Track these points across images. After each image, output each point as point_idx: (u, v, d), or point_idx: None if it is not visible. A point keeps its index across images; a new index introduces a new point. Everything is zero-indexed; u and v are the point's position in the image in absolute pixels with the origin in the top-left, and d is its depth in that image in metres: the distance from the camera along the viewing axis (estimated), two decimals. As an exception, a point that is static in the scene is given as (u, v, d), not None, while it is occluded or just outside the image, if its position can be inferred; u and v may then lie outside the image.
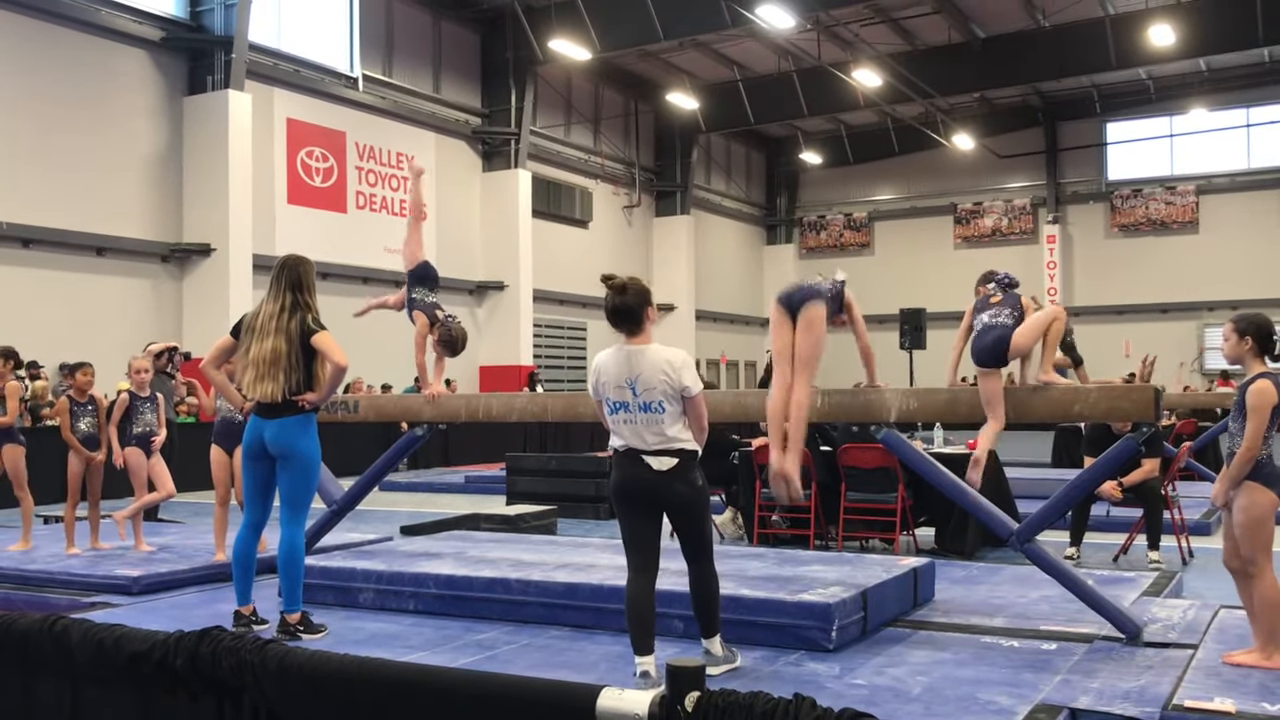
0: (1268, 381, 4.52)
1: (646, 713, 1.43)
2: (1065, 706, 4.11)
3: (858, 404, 5.71)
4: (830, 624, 5.01)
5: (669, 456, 4.39)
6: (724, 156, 32.13)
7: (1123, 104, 29.30)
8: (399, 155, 21.62)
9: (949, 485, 5.56)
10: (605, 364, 4.57)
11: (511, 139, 23.37)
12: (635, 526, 4.53)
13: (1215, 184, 28.82)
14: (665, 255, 29.15)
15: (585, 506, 11.26)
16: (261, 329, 5.30)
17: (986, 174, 30.91)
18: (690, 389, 4.41)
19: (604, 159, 27.21)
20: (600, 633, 5.39)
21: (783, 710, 1.35)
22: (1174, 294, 27.88)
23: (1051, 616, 5.60)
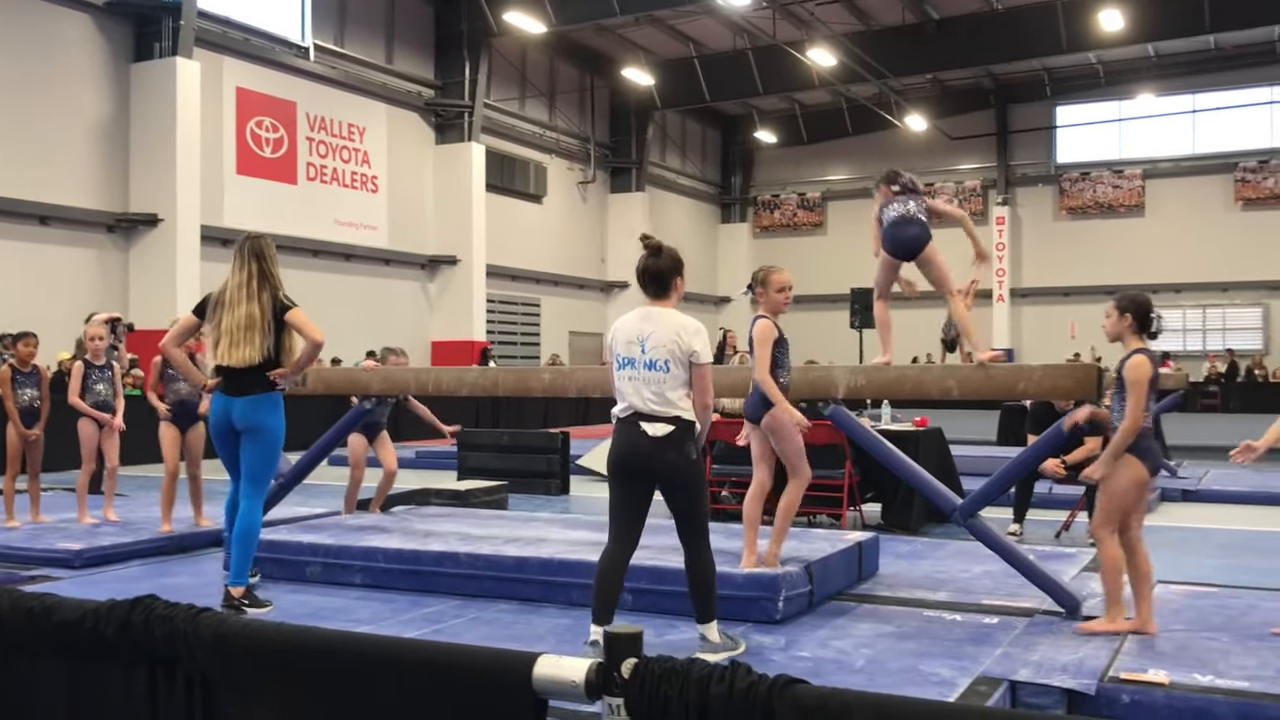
0: (1143, 357, 4.64)
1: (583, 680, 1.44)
2: (1005, 679, 4.18)
3: (806, 381, 5.75)
4: (777, 596, 5.06)
5: (665, 423, 4.32)
6: (679, 134, 32.09)
7: (1072, 88, 29.62)
8: (350, 126, 21.38)
9: (895, 462, 5.63)
10: (621, 323, 4.57)
11: (465, 112, 23.18)
12: (622, 498, 4.49)
13: (1161, 168, 29.25)
14: (620, 232, 29.10)
15: (537, 482, 11.26)
16: (232, 299, 5.34)
17: (938, 155, 31.14)
18: (699, 355, 4.38)
19: (559, 134, 27.09)
20: (549, 606, 5.41)
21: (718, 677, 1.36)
22: (1120, 276, 28.22)
23: (993, 591, 5.69)
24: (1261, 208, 28.14)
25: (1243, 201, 28.35)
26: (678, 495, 4.44)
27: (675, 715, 1.33)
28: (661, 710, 1.35)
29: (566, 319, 27.42)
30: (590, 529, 6.68)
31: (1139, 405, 4.59)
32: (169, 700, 1.61)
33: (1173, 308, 29.10)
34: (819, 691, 1.32)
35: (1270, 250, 27.42)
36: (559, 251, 27.03)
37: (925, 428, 9.57)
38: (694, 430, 4.41)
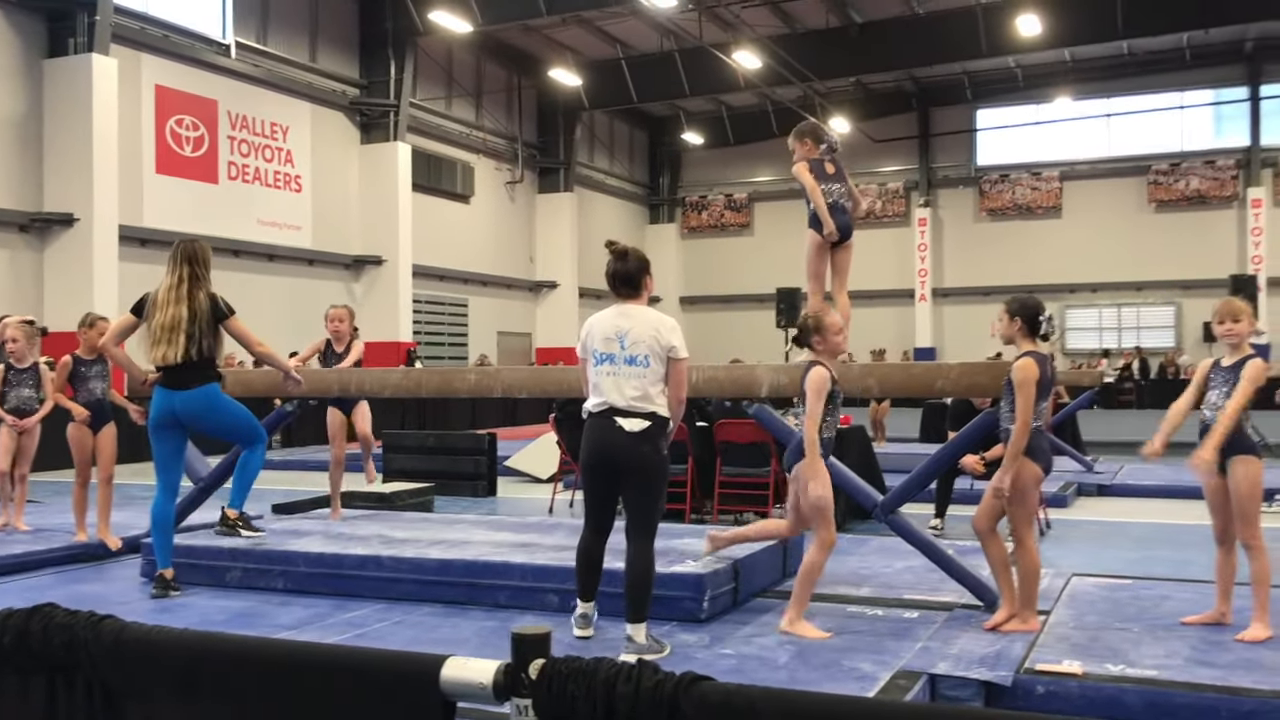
0: (1030, 359, 4.76)
1: (491, 681, 1.44)
2: (924, 672, 4.24)
3: (730, 379, 5.79)
4: (702, 595, 5.09)
5: (641, 419, 4.46)
6: (607, 134, 32.10)
7: (992, 91, 30.17)
8: (273, 125, 21.05)
9: (818, 459, 5.68)
10: (597, 320, 4.68)
11: (390, 111, 22.94)
12: (597, 492, 4.69)
13: (1078, 170, 29.92)
14: (548, 232, 29.04)
15: (464, 484, 11.19)
16: (163, 301, 5.63)
17: (862, 157, 31.48)
18: (678, 350, 4.55)
19: (486, 134, 26.94)
20: (474, 609, 5.38)
21: (625, 676, 1.37)
22: (1038, 276, 28.87)
23: (915, 586, 5.78)
24: (1173, 209, 28.92)
25: (1155, 203, 29.11)
26: (641, 489, 4.56)
27: (582, 715, 1.33)
28: (569, 710, 1.35)
29: (495, 319, 27.27)
30: (516, 530, 6.67)
31: (1027, 406, 4.70)
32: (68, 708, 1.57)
33: (1089, 307, 29.81)
34: (724, 688, 1.33)
35: (1181, 251, 28.20)
36: (487, 251, 26.88)
37: (848, 426, 9.68)
38: (667, 426, 4.58)
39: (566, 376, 6.05)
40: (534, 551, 5.78)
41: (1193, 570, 6.52)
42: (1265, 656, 4.43)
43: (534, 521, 7.40)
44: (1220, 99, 28.75)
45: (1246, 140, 28.21)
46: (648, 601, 4.55)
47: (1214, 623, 4.90)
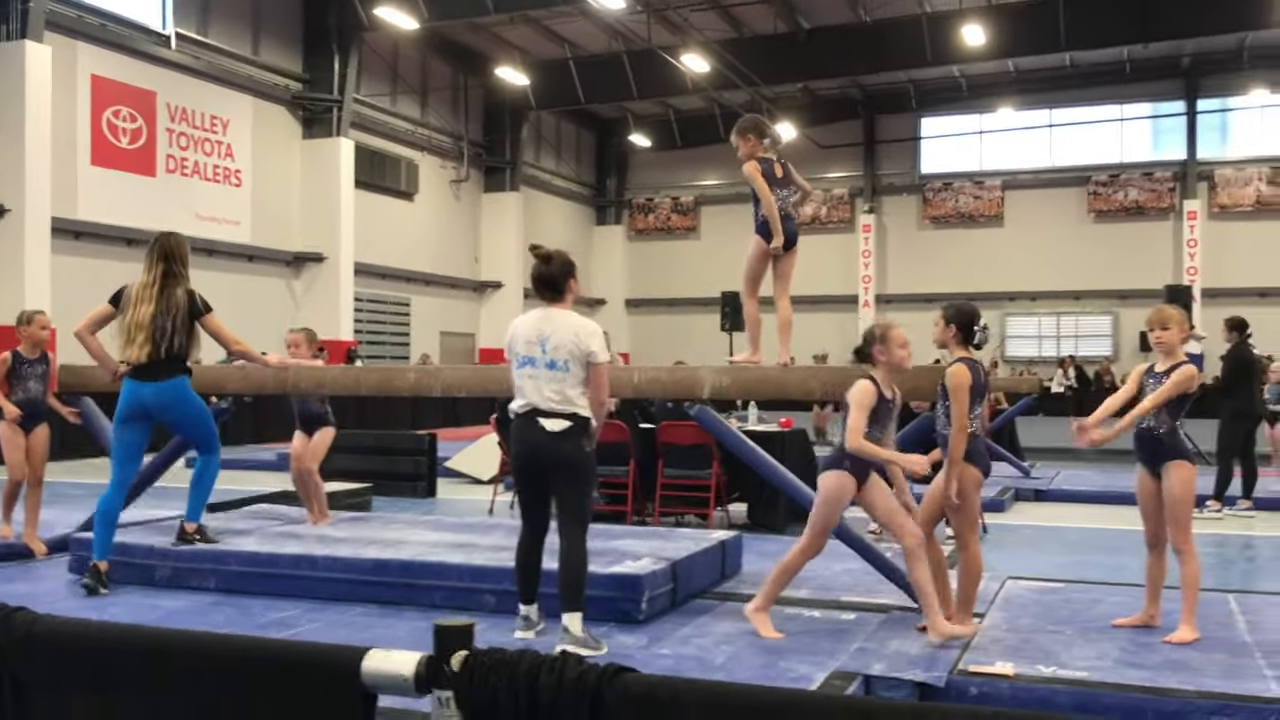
0: (963, 365, 4.82)
1: (413, 673, 1.41)
2: (860, 673, 4.27)
3: (673, 381, 5.79)
4: (640, 596, 5.08)
5: (563, 419, 4.58)
6: (554, 135, 32.02)
7: (937, 100, 30.52)
8: (213, 118, 20.73)
9: (758, 462, 5.70)
10: (520, 323, 4.80)
11: (334, 106, 22.68)
12: (529, 492, 4.81)
13: (1020, 180, 30.34)
14: (494, 232, 28.87)
15: (403, 484, 11.08)
16: (138, 298, 5.71)
17: (808, 163, 31.60)
18: (596, 355, 4.65)
19: (431, 131, 26.74)
20: (409, 609, 5.32)
21: (548, 667, 1.35)
22: (980, 284, 29.22)
23: (852, 588, 5.82)
24: (1112, 220, 29.43)
25: (1095, 213, 29.60)
26: (568, 487, 4.66)
27: (505, 706, 1.31)
28: (491, 702, 1.33)
29: (438, 319, 27.07)
30: (453, 530, 6.61)
31: (962, 411, 4.76)
32: (-25, 703, 1.53)
33: (1028, 315, 30.24)
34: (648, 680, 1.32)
35: (1120, 261, 28.70)
36: (431, 250, 26.68)
37: (790, 429, 9.74)
38: (589, 426, 4.67)
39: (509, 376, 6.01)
40: (471, 552, 5.74)
41: (1125, 574, 6.63)
42: (1192, 658, 4.51)
43: (472, 522, 7.35)
44: (1158, 112, 29.32)
45: (1183, 153, 28.79)
46: (582, 592, 4.62)
47: (1144, 625, 4.99)
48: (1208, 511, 9.72)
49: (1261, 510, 9.88)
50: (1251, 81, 27.39)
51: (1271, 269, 27.25)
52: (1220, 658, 4.52)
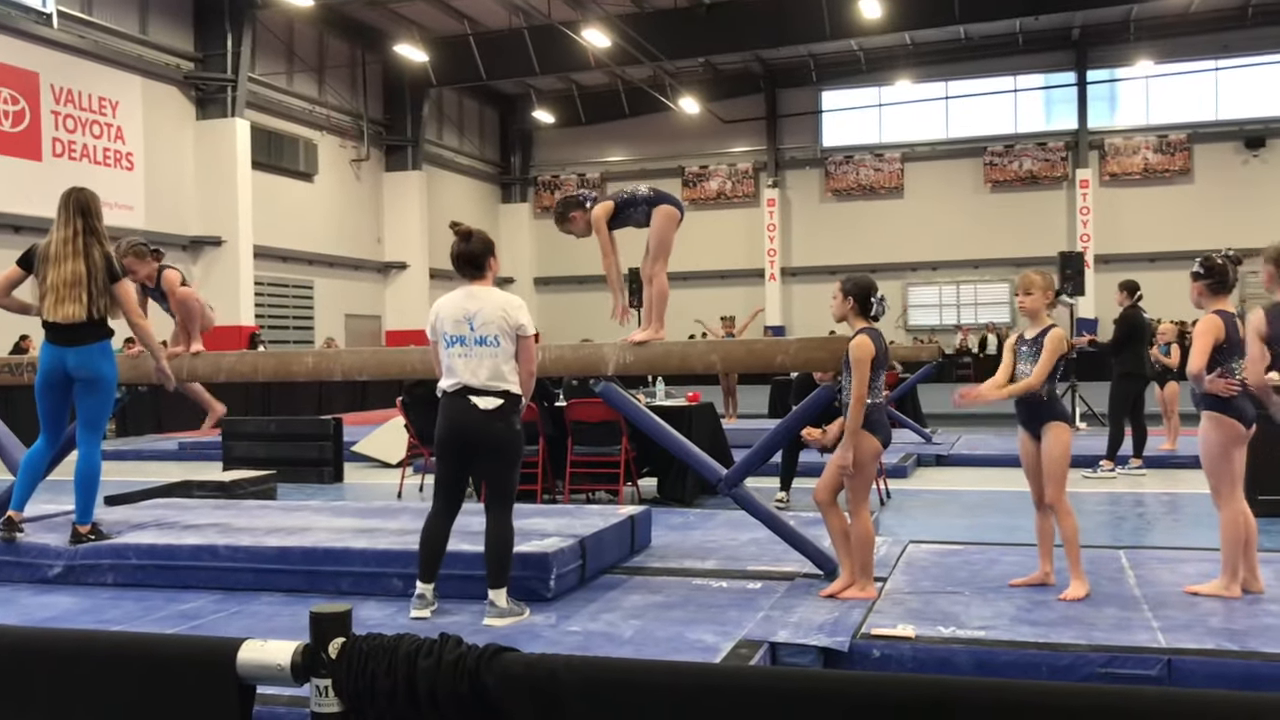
0: (865, 337, 4.93)
1: (289, 661, 1.40)
2: (765, 640, 4.33)
3: (577, 358, 5.79)
4: (548, 574, 5.08)
5: (495, 396, 4.63)
6: (457, 112, 31.65)
7: (837, 74, 30.86)
8: (102, 100, 20.07)
9: (664, 436, 5.74)
10: (445, 303, 4.79)
11: (228, 86, 22.12)
12: (449, 472, 4.82)
13: (918, 152, 30.88)
14: (396, 211, 28.48)
15: (309, 471, 10.91)
16: (57, 255, 5.49)
17: (712, 138, 31.87)
18: (525, 328, 4.72)
19: (330, 110, 26.24)
20: (315, 596, 5.24)
21: (426, 650, 1.35)
22: (882, 255, 29.73)
23: (758, 557, 5.89)
24: (1007, 189, 30.12)
25: (991, 183, 30.26)
26: (497, 464, 4.73)
27: (383, 691, 1.31)
28: (369, 687, 1.32)
29: (342, 301, 26.65)
30: (359, 516, 6.54)
31: (863, 382, 4.86)
32: None
33: (929, 284, 30.85)
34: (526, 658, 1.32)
35: (1016, 229, 29.40)
36: (332, 231, 26.22)
37: (697, 403, 9.81)
38: (520, 403, 4.74)
39: (409, 358, 5.95)
40: (377, 536, 5.68)
41: (1021, 535, 6.81)
42: (1084, 613, 4.66)
43: (379, 507, 7.28)
44: (1050, 83, 30.02)
45: (1075, 123, 29.55)
46: (508, 567, 4.72)
47: (1039, 584, 5.14)
48: (1101, 471, 10.06)
49: (1151, 469, 10.24)
50: (1138, 52, 28.21)
51: (1160, 235, 28.17)
52: (1111, 612, 4.68)
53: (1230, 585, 4.88)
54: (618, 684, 1.29)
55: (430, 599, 4.80)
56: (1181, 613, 4.63)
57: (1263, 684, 3.93)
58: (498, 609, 4.65)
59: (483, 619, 4.68)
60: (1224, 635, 4.29)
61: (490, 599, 4.69)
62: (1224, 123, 28.52)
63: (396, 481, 9.96)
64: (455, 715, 1.29)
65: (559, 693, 1.23)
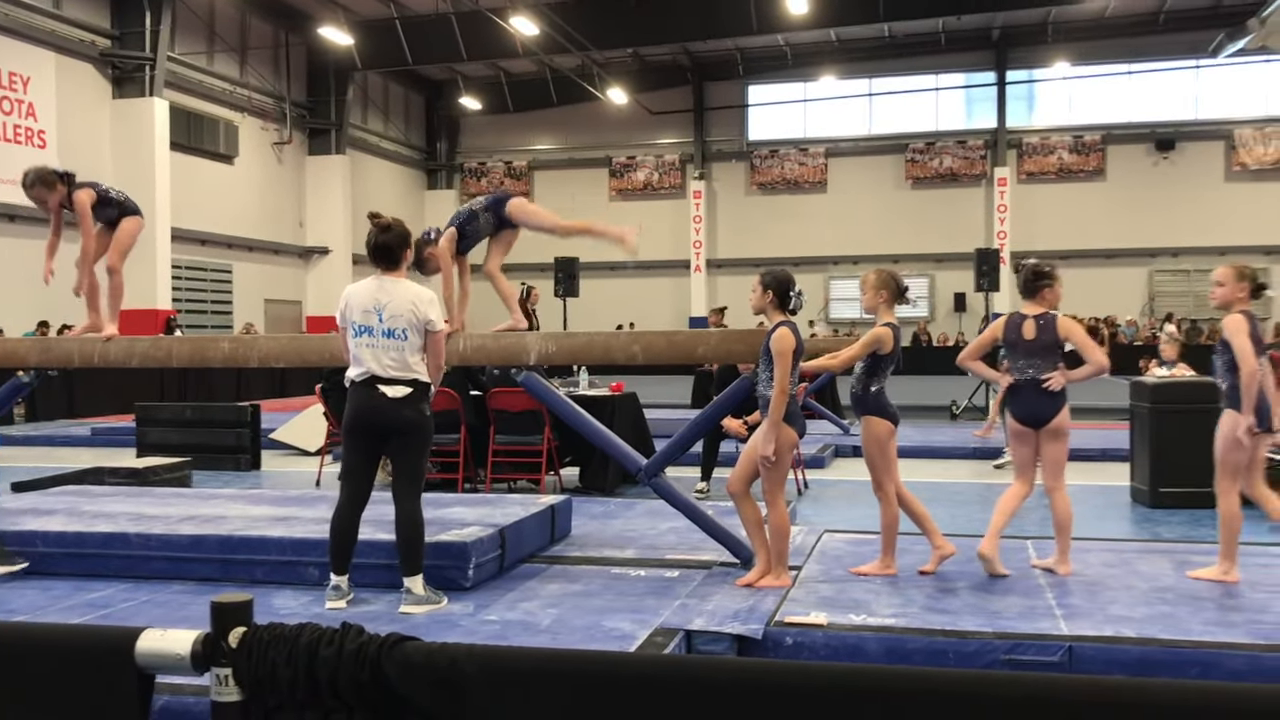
0: (786, 329, 5.03)
1: (189, 651, 1.40)
2: (681, 628, 4.38)
3: (499, 348, 5.78)
4: (467, 563, 5.08)
5: (403, 385, 4.64)
6: (382, 96, 31.28)
7: (763, 68, 31.08)
8: (12, 75, 19.47)
9: (584, 426, 5.76)
10: (355, 291, 4.79)
11: (146, 65, 21.60)
12: (358, 460, 4.79)
13: (842, 147, 31.23)
14: (319, 195, 28.08)
15: (225, 458, 10.74)
16: None
17: (639, 129, 31.91)
18: (435, 323, 4.73)
19: (252, 92, 25.75)
20: (229, 584, 5.19)
21: (327, 639, 1.36)
22: (805, 248, 30.05)
23: (677, 546, 5.95)
24: (928, 186, 30.62)
25: (912, 180, 30.73)
26: (407, 451, 4.74)
27: (284, 680, 1.32)
28: (270, 677, 1.33)
29: (262, 286, 26.21)
30: (276, 504, 6.47)
31: (784, 375, 4.95)
32: None
33: (851, 278, 31.23)
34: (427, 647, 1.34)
35: (935, 225, 29.92)
36: (253, 215, 25.77)
37: (621, 393, 9.85)
38: (428, 391, 4.76)
39: (328, 345, 5.90)
40: (293, 525, 5.63)
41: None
42: (990, 601, 4.79)
43: (296, 495, 7.20)
44: (971, 82, 30.56)
45: (994, 122, 30.12)
46: (421, 554, 4.74)
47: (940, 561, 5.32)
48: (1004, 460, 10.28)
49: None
50: (1056, 54, 28.85)
51: (1073, 232, 28.85)
52: (1017, 600, 4.82)
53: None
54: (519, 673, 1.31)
55: (345, 590, 4.78)
56: (1083, 600, 4.78)
57: (1158, 669, 4.08)
58: (414, 596, 4.66)
59: (399, 607, 4.68)
60: (1123, 622, 4.44)
61: (406, 586, 4.69)
62: (1136, 125, 29.29)
63: (315, 469, 9.85)
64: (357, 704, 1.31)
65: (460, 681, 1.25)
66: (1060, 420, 5.22)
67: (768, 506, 5.14)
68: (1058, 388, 5.18)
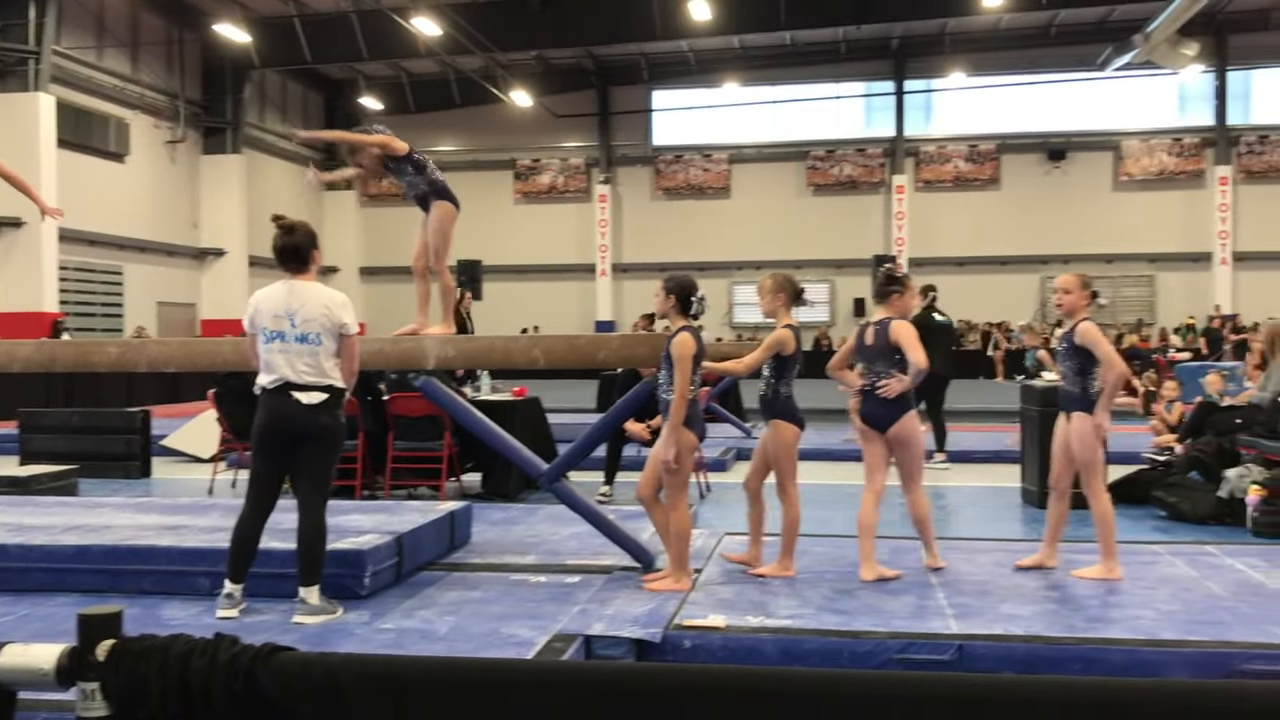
0: (687, 334, 5.08)
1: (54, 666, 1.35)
2: (580, 634, 4.38)
3: (398, 352, 5.71)
4: (363, 571, 5.00)
5: (318, 391, 4.58)
6: (280, 95, 30.68)
7: (668, 74, 31.23)
8: (-115, 67, 18.65)
9: (484, 431, 5.72)
10: (264, 296, 4.70)
11: (29, 58, 20.86)
12: (267, 468, 4.73)
13: (745, 154, 31.55)
14: (215, 196, 27.42)
15: (114, 465, 10.42)
16: None
17: (544, 132, 31.83)
18: (348, 327, 4.67)
19: (144, 89, 25.05)
20: (116, 596, 5.03)
21: (200, 650, 1.33)
22: (709, 254, 30.26)
23: (578, 551, 5.94)
24: (829, 193, 31.08)
25: (814, 187, 31.17)
26: (318, 458, 4.67)
27: (154, 693, 1.28)
28: (140, 690, 1.29)
29: (155, 289, 25.48)
30: (166, 512, 6.30)
31: (685, 379, 4.98)
32: None
33: (754, 283, 31.47)
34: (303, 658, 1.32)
35: (836, 232, 30.40)
36: (145, 216, 25.05)
37: (524, 397, 9.80)
38: (343, 396, 4.70)
39: (220, 349, 5.77)
40: (184, 534, 5.49)
41: (832, 526, 7.09)
42: (884, 601, 4.88)
43: (187, 503, 7.02)
44: (870, 91, 31.11)
45: (892, 131, 30.71)
46: (320, 565, 4.67)
47: (745, 563, 5.51)
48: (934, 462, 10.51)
49: (956, 463, 10.75)
50: (952, 64, 29.53)
51: (969, 240, 29.56)
52: (910, 600, 4.92)
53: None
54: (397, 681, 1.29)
55: (238, 598, 4.68)
56: (974, 600, 4.90)
57: (1044, 665, 4.20)
58: (309, 606, 4.59)
59: (293, 617, 4.59)
60: (1010, 621, 4.56)
61: (301, 596, 4.61)
62: (1029, 135, 30.12)
63: (208, 477, 9.61)
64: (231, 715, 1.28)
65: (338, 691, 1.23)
66: (901, 429, 5.31)
67: (670, 509, 5.17)
68: (890, 394, 5.29)
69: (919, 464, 5.44)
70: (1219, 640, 4.27)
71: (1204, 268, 28.97)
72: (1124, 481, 8.34)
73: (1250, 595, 5.00)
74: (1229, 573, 5.46)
